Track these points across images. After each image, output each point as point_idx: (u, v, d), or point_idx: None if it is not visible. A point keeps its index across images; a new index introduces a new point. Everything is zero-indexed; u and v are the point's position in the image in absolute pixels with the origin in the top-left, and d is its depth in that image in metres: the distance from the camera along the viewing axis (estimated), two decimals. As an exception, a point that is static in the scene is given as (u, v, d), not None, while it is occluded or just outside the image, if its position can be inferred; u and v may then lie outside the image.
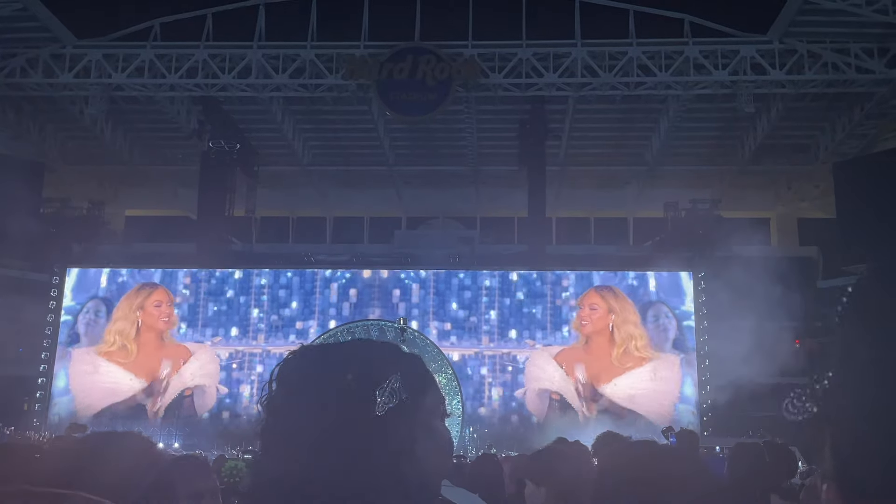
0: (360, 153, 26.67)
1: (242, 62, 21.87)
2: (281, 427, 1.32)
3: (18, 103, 23.75)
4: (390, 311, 23.33)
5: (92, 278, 23.98)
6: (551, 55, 21.61)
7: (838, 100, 22.56)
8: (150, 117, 25.01)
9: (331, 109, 24.21)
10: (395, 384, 1.33)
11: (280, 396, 1.35)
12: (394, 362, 1.37)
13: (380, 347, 1.43)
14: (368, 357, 1.37)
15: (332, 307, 23.73)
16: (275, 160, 26.39)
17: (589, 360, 22.76)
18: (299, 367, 1.38)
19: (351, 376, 1.31)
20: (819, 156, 25.10)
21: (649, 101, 23.21)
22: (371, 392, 1.31)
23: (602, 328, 22.96)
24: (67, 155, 26.58)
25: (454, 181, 27.74)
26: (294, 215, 29.50)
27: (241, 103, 23.59)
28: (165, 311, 23.50)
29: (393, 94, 21.68)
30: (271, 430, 1.34)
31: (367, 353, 1.39)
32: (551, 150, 24.18)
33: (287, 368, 1.38)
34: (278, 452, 1.31)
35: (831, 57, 20.67)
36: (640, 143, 26.18)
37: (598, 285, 23.36)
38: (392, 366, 1.36)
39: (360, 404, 1.30)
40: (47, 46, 21.78)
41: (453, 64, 21.48)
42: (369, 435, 1.29)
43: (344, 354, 1.38)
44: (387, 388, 1.32)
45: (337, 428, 1.28)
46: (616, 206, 28.47)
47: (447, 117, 23.33)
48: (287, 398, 1.34)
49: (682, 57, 21.19)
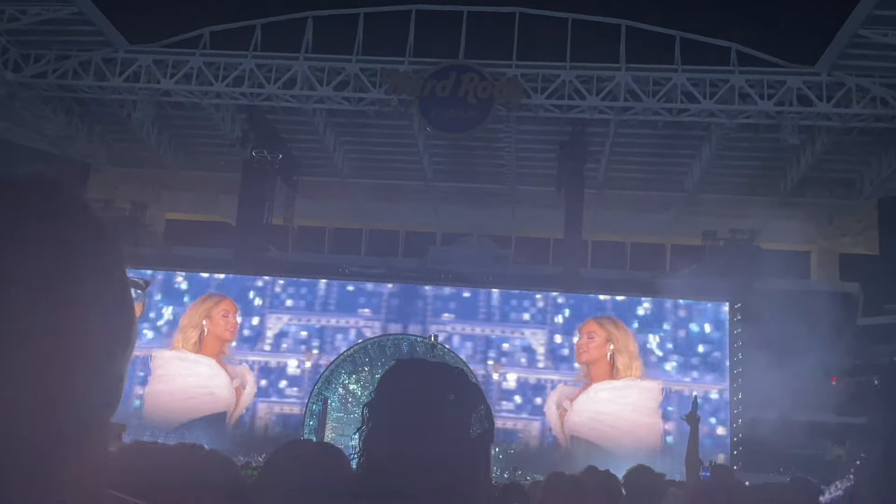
0: (399, 167, 26.82)
1: (288, 73, 22.17)
2: (382, 432, 1.50)
3: (69, 104, 24.33)
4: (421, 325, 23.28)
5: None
6: (595, 78, 21.58)
7: (886, 135, 22.18)
8: (196, 123, 25.44)
9: (372, 123, 24.41)
10: (483, 411, 1.53)
11: (384, 404, 1.54)
12: (482, 392, 1.60)
13: (467, 375, 1.63)
14: (466, 382, 1.57)
15: (363, 318, 23.72)
16: (314, 171, 26.64)
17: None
18: (403, 379, 1.57)
19: (453, 397, 1.51)
20: (864, 191, 24.68)
21: (692, 128, 23.03)
22: (468, 415, 1.50)
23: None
24: (113, 157, 27.13)
25: (491, 199, 27.74)
26: (331, 226, 29.72)
27: (285, 113, 23.89)
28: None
29: (434, 111, 21.80)
30: (373, 434, 1.51)
31: (464, 378, 1.58)
32: (590, 172, 24.08)
33: (394, 379, 1.57)
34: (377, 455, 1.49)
35: (880, 91, 20.36)
36: (681, 170, 25.96)
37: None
38: (481, 394, 1.57)
39: (459, 424, 1.49)
40: (100, 50, 22.28)
41: (496, 83, 21.55)
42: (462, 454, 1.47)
43: (443, 374, 1.57)
44: (479, 414, 1.52)
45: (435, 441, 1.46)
46: (653, 231, 28.23)
47: (487, 135, 23.37)
48: (391, 406, 1.53)
49: (727, 85, 21.02)
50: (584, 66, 21.76)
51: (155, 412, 22.15)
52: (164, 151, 26.59)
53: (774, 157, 24.36)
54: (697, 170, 24.90)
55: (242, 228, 24.49)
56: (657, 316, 23.05)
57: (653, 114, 21.70)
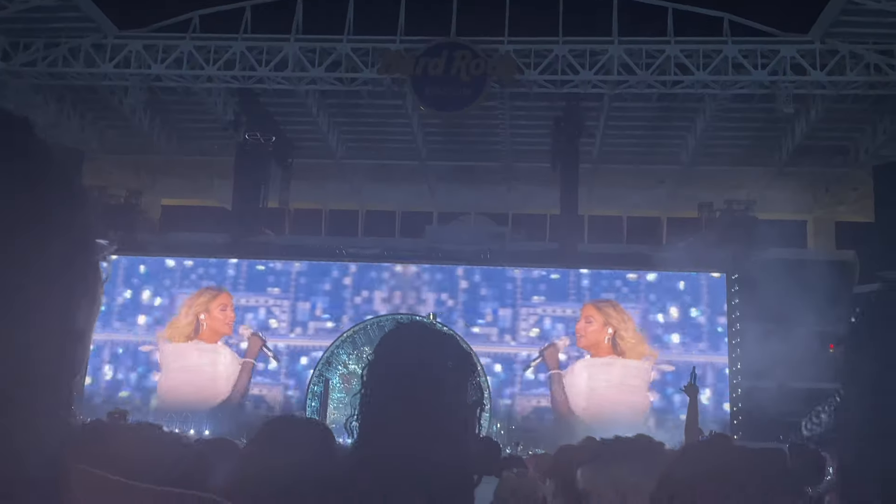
0: (394, 148, 26.76)
1: (279, 55, 22.04)
2: (379, 396, 1.52)
3: (60, 92, 24.19)
4: (420, 305, 23.34)
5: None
6: (588, 52, 21.48)
7: (880, 102, 22.15)
8: (188, 108, 25.33)
9: (366, 103, 24.32)
10: (479, 379, 1.56)
11: (382, 367, 1.56)
12: (475, 360, 1.62)
13: (460, 342, 1.65)
14: (462, 349, 1.58)
15: (362, 299, 23.77)
16: (309, 153, 26.57)
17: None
18: (402, 344, 1.58)
19: (451, 364, 1.52)
20: (859, 158, 24.68)
21: (686, 100, 22.98)
22: (465, 382, 1.53)
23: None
24: (106, 144, 27.02)
25: (486, 177, 27.71)
26: (327, 208, 29.69)
27: (278, 96, 23.79)
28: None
29: (427, 89, 21.70)
30: (370, 397, 1.53)
31: (460, 345, 1.59)
32: (585, 147, 24.04)
33: (391, 344, 1.59)
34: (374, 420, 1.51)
35: (874, 58, 20.30)
36: (676, 143, 25.93)
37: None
38: (474, 362, 1.59)
39: (456, 390, 1.50)
40: (89, 36, 22.13)
41: (489, 60, 21.45)
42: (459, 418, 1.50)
43: (441, 340, 1.59)
44: (475, 382, 1.55)
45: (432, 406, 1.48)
46: (649, 205, 28.24)
47: (481, 113, 23.30)
48: (388, 370, 1.54)
49: (720, 56, 20.94)
50: (576, 41, 21.65)
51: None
52: (158, 137, 26.49)
53: (769, 127, 24.34)
54: (692, 142, 24.88)
55: (238, 213, 24.47)
56: (660, 291, 23.18)
57: (646, 87, 21.63)
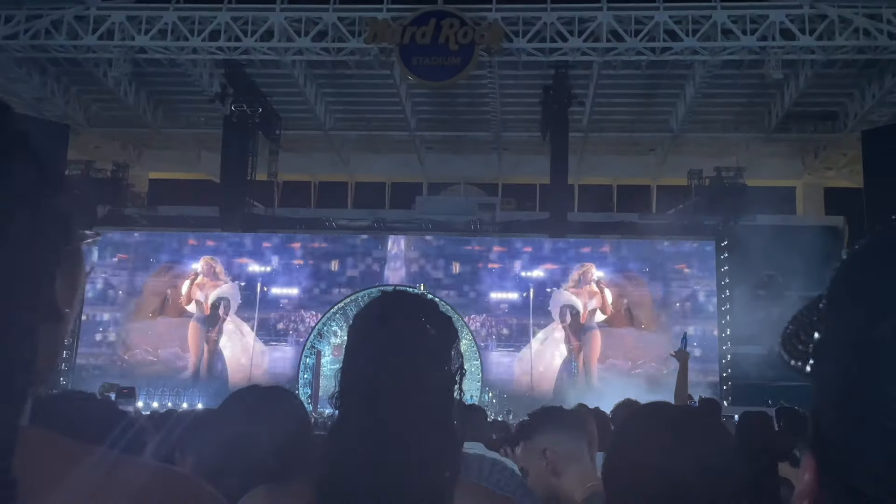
0: (382, 118, 26.58)
1: (265, 25, 21.77)
2: (363, 359, 1.50)
3: (43, 65, 23.86)
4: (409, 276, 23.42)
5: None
6: (576, 19, 21.31)
7: (869, 67, 22.11)
8: (173, 80, 25.03)
9: (353, 74, 24.10)
10: (459, 346, 1.54)
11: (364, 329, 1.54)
12: (457, 328, 1.59)
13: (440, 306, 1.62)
14: (445, 315, 1.58)
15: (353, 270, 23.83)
16: (297, 124, 26.38)
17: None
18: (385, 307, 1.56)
19: (434, 331, 1.52)
20: (847, 124, 24.68)
21: (675, 67, 22.87)
22: (448, 349, 1.52)
23: (615, 313, 23.41)
24: (91, 117, 26.74)
25: (476, 147, 27.61)
26: (316, 180, 29.55)
27: (264, 67, 23.54)
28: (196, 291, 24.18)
29: (415, 59, 21.51)
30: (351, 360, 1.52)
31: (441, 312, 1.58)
32: (574, 116, 23.94)
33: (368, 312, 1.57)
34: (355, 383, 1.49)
35: (863, 22, 20.21)
36: (665, 110, 25.85)
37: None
38: (455, 329, 1.57)
39: (438, 356, 1.50)
40: (71, 8, 21.79)
41: (477, 28, 21.25)
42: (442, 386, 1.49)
43: (424, 305, 1.58)
44: (457, 348, 1.53)
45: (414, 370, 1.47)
46: (639, 173, 28.25)
47: (470, 82, 23.13)
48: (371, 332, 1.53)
49: (709, 22, 20.81)
50: (565, 8, 21.46)
51: None
52: (144, 110, 26.21)
53: (758, 93, 24.27)
54: (682, 109, 24.81)
55: (226, 185, 24.33)
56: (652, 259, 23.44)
57: (635, 54, 21.50)
